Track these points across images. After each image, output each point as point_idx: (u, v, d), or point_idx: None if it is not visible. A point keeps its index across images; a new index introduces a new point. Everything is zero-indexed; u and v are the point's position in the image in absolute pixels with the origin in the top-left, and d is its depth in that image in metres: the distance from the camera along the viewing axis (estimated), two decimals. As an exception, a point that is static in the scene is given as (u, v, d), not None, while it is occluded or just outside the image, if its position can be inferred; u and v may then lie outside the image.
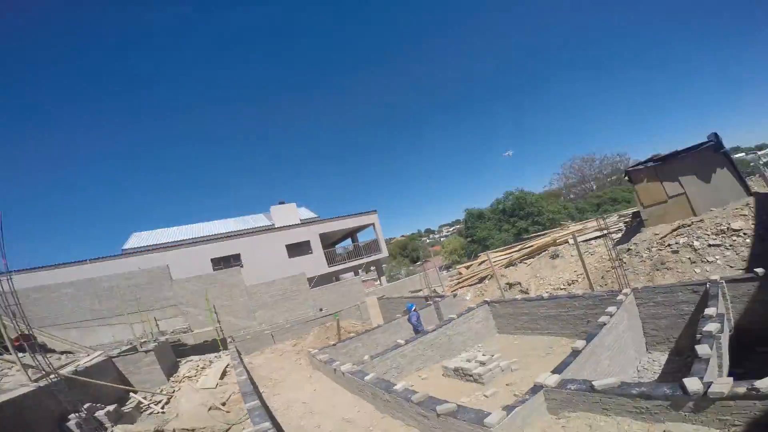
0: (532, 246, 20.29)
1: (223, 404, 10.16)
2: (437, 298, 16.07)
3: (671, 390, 4.86)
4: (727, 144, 13.12)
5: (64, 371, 9.71)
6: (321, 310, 20.96)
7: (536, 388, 5.96)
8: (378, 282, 30.30)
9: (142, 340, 15.03)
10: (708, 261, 10.68)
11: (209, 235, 25.68)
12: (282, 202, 29.86)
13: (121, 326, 15.85)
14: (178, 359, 14.88)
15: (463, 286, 21.34)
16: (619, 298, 9.47)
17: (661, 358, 9.07)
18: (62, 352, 14.40)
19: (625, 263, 13.21)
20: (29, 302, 15.53)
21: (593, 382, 5.47)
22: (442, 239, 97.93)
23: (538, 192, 40.36)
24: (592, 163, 46.35)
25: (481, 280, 20.41)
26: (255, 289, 20.12)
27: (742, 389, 4.33)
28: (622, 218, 19.50)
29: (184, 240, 24.53)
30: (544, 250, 19.47)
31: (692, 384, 4.67)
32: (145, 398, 10.29)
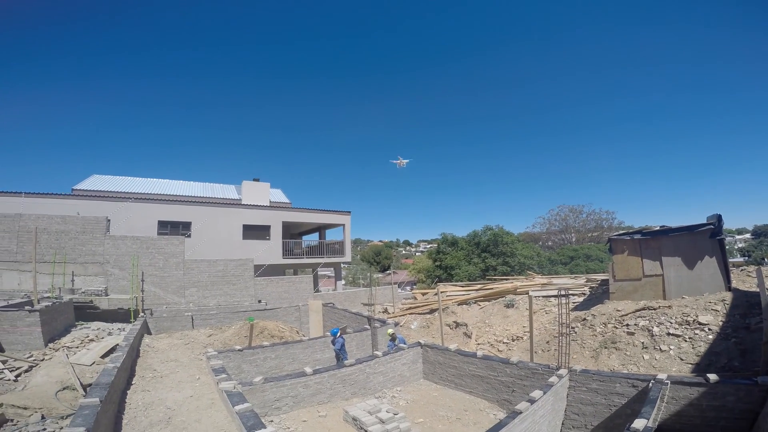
0: (491, 289, 19.33)
1: (88, 386, 8.79)
2: (378, 324, 14.81)
3: None
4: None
5: None
6: (260, 302, 19.63)
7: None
8: (334, 286, 28.99)
9: (45, 295, 13.56)
10: (661, 350, 10.16)
11: (163, 195, 24.11)
12: (257, 180, 28.37)
13: (31, 274, 14.30)
14: (79, 322, 13.45)
15: (413, 313, 20.23)
16: (551, 379, 8.54)
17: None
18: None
19: (575, 332, 12.38)
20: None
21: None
22: (416, 254, 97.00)
23: (518, 232, 39.65)
24: (579, 214, 46.00)
25: (432, 311, 19.32)
26: (194, 264, 18.72)
27: None
28: (590, 282, 18.64)
29: (134, 194, 22.90)
30: (502, 296, 18.51)
31: None
32: (4, 362, 8.90)
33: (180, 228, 20.81)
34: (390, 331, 12.54)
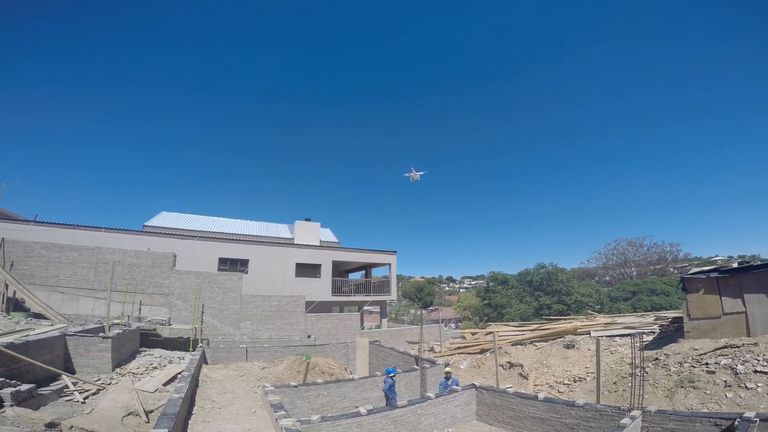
0: (549, 329, 17.94)
1: (150, 412, 8.90)
2: (427, 364, 14.09)
3: None
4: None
5: (3, 340, 9.01)
6: (310, 337, 19.52)
7: None
8: (380, 323, 28.40)
9: (115, 321, 14.33)
10: (747, 387, 9.34)
11: (224, 234, 25.39)
12: (308, 219, 29.32)
13: (104, 302, 15.27)
14: (143, 349, 13.99)
15: (462, 353, 19.14)
16: (623, 420, 7.74)
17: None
18: (35, 314, 13.98)
19: (647, 372, 11.25)
20: (32, 256, 15.52)
21: None
22: (461, 290, 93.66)
23: (570, 267, 37.25)
24: (639, 248, 42.61)
25: (483, 351, 18.16)
26: (250, 299, 19.19)
27: None
28: (660, 320, 16.84)
29: (199, 231, 24.32)
30: (561, 337, 17.10)
31: None
32: (74, 384, 9.29)
33: (238, 265, 21.63)
34: (448, 369, 11.95)
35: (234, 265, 21.60)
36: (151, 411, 8.91)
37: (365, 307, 31.43)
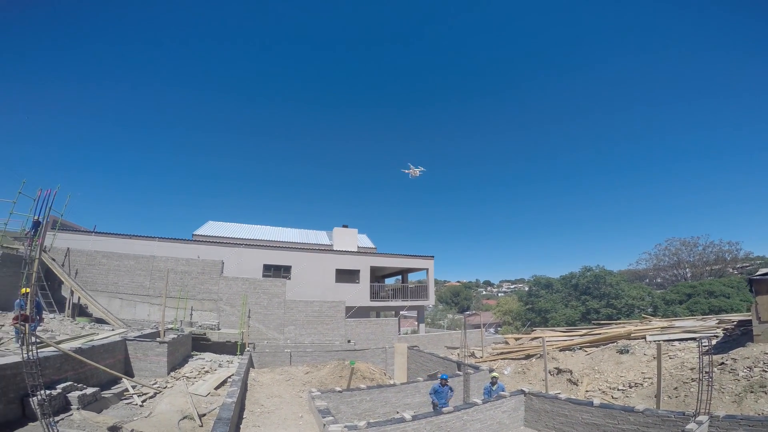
0: (600, 334, 16.80)
1: (203, 416, 9.06)
2: (471, 369, 13.56)
3: None
4: None
5: (69, 345, 9.50)
6: (349, 341, 19.47)
7: None
8: (416, 328, 27.96)
9: (169, 326, 14.90)
10: None
11: (269, 241, 26.00)
12: (345, 226, 29.50)
13: (159, 307, 15.96)
14: (194, 352, 14.44)
15: (505, 358, 18.33)
16: (689, 426, 7.11)
17: None
18: (97, 319, 14.81)
19: (712, 378, 10.21)
20: (94, 264, 16.49)
21: None
22: (499, 295, 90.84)
23: (617, 270, 34.97)
24: (693, 248, 39.26)
25: (528, 357, 17.29)
26: (293, 304, 19.47)
27: None
28: (723, 323, 15.36)
29: (244, 239, 25.06)
30: (613, 342, 15.97)
31: None
32: (133, 387, 9.64)
33: (281, 271, 22.03)
34: (495, 374, 11.44)
35: (277, 272, 22.03)
36: (204, 414, 9.07)
37: (402, 312, 31.18)
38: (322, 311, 19.89)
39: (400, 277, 31.91)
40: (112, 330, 13.19)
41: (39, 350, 6.98)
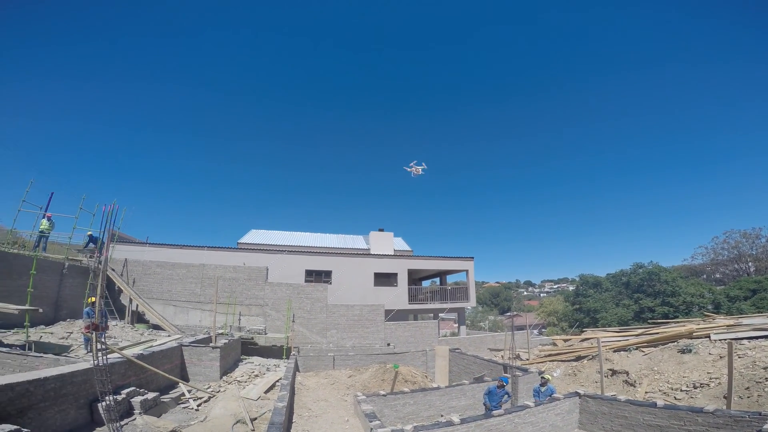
0: (657, 334, 15.55)
1: (254, 420, 9.21)
2: (519, 372, 12.97)
3: None
4: None
5: (131, 351, 9.99)
6: (389, 345, 19.30)
7: None
8: (456, 329, 27.28)
9: (220, 331, 15.41)
10: None
11: (310, 247, 26.45)
12: (381, 230, 29.46)
13: (209, 313, 16.57)
14: (243, 357, 14.82)
15: (554, 360, 17.41)
16: (766, 427, 6.37)
17: None
18: (153, 325, 15.59)
19: None
20: (149, 274, 17.44)
21: None
22: (542, 295, 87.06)
23: (669, 265, 32.35)
24: (756, 240, 35.63)
25: (579, 358, 16.31)
26: (335, 309, 19.60)
27: None
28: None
29: (286, 246, 25.64)
30: (673, 341, 14.75)
31: None
32: (189, 391, 9.98)
33: (323, 276, 22.30)
34: (546, 376, 10.96)
35: (319, 277, 22.32)
36: (255, 419, 9.20)
37: (440, 315, 30.60)
38: (362, 315, 19.88)
39: (438, 279, 31.36)
40: (168, 336, 13.82)
41: (105, 357, 7.37)
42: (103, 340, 7.48)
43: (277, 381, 11.82)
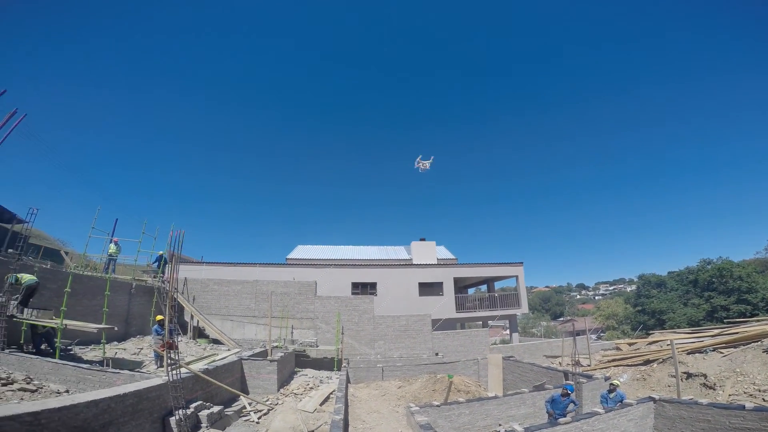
0: (737, 333, 13.90)
1: (310, 432, 9.20)
2: (583, 378, 12.08)
3: None
4: None
5: (199, 365, 10.43)
6: (437, 354, 18.78)
7: None
8: (505, 336, 26.06)
9: (275, 344, 15.78)
10: None
11: (355, 260, 26.70)
12: (423, 239, 29.17)
13: (264, 327, 17.06)
14: (296, 369, 15.03)
15: (619, 365, 16.06)
16: None
17: None
18: (213, 340, 16.28)
19: None
20: (207, 291, 18.36)
21: None
22: (597, 298, 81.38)
23: (739, 260, 28.98)
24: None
25: (648, 362, 14.90)
26: (381, 320, 19.50)
27: None
28: None
29: (332, 260, 26.07)
30: (756, 341, 13.11)
31: None
32: (250, 404, 10.20)
33: (368, 288, 22.39)
34: (615, 381, 10.27)
35: (364, 289, 22.42)
36: (313, 431, 9.22)
37: (489, 322, 29.48)
38: (408, 325, 19.63)
39: (484, 286, 30.33)
40: (228, 350, 14.36)
41: (175, 372, 7.73)
42: (175, 356, 7.87)
43: (331, 393, 11.81)
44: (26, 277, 9.71)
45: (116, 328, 12.00)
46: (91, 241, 14.10)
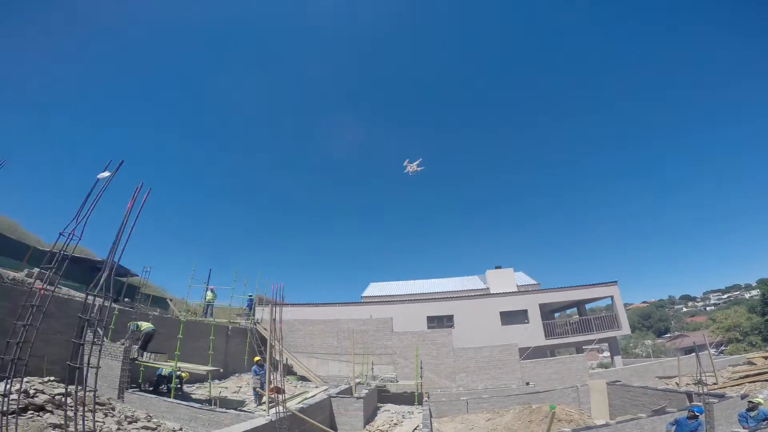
0: None
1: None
2: (713, 399, 10.49)
3: None
4: None
5: (293, 404, 10.98)
6: (528, 384, 17.40)
7: None
8: (605, 359, 23.25)
9: (358, 381, 16.00)
10: None
11: (428, 293, 26.53)
12: (498, 267, 28.03)
13: (346, 364, 17.43)
14: (378, 405, 14.96)
15: (754, 381, 13.53)
16: None
17: None
18: (300, 377, 16.98)
19: None
20: (292, 330, 19.49)
21: None
22: (707, 308, 69.29)
23: None
24: None
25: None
26: (462, 352, 18.90)
27: None
28: None
29: (407, 295, 26.20)
30: None
31: None
32: (341, 441, 10.34)
33: (444, 321, 21.95)
34: (758, 399, 9.18)
35: (440, 322, 22.01)
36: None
37: (584, 346, 26.62)
38: (492, 356, 18.67)
39: (573, 309, 27.82)
40: (316, 386, 14.89)
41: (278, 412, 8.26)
42: (282, 398, 8.43)
43: (416, 428, 11.55)
44: (145, 325, 11.24)
45: (221, 370, 13.21)
46: (191, 289, 16.47)
